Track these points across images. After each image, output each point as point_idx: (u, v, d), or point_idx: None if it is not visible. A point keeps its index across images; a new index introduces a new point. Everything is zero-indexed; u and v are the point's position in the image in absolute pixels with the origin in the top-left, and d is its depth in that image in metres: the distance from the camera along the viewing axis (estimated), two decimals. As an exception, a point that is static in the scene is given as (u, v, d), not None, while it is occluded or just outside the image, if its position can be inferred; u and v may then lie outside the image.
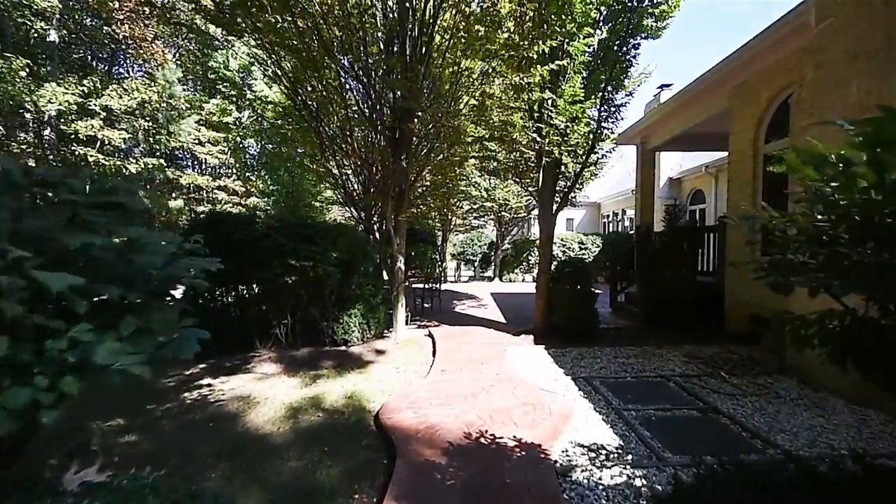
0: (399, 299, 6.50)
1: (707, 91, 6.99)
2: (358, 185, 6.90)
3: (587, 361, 5.04)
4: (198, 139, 16.39)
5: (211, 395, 4.87)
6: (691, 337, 6.24)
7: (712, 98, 6.97)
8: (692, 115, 7.69)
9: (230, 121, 16.80)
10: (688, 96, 7.43)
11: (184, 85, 17.86)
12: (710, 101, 7.06)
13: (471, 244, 19.91)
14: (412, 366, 5.44)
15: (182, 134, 15.04)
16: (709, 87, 6.85)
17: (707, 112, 7.23)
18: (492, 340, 6.30)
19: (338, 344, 6.34)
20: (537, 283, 6.63)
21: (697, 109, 7.45)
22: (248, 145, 18.83)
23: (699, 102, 7.33)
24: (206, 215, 7.06)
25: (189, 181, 16.32)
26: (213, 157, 16.74)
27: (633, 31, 5.64)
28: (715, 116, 7.18)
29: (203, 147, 16.57)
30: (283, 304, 6.35)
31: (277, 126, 10.54)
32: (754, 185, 6.07)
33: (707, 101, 7.15)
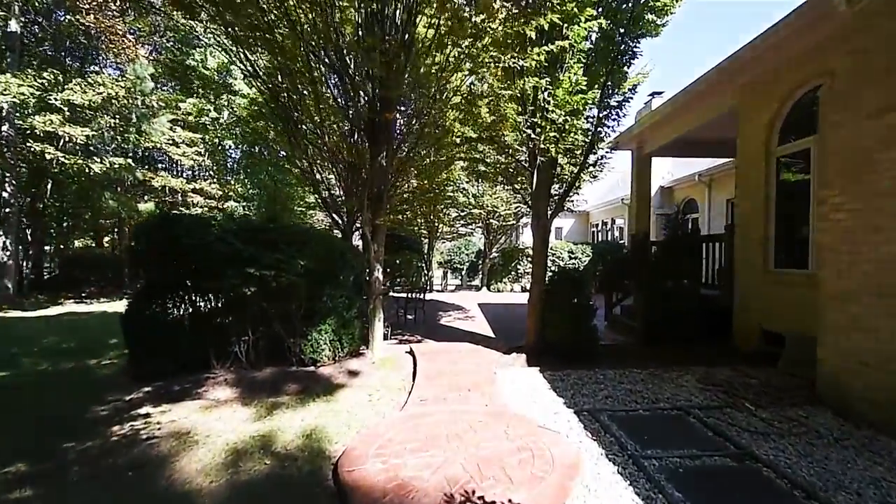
0: (376, 313, 5.73)
1: (710, 91, 6.44)
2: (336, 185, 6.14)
3: (590, 388, 4.33)
4: (172, 139, 15.44)
5: (145, 429, 4.05)
6: (699, 356, 5.59)
7: (717, 98, 6.43)
8: (693, 118, 7.15)
9: (207, 121, 15.91)
10: (689, 97, 6.88)
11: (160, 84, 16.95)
12: (715, 102, 6.52)
13: (458, 252, 19.22)
14: (388, 392, 4.67)
15: (154, 133, 14.09)
16: (713, 86, 6.31)
17: (710, 113, 6.69)
18: (480, 360, 5.56)
19: (306, 364, 5.54)
20: (530, 296, 5.94)
21: (699, 111, 6.91)
22: (228, 147, 17.90)
23: (701, 103, 6.78)
24: (156, 216, 6.23)
25: (162, 183, 15.32)
26: (188, 159, 15.77)
27: (633, 19, 5.05)
28: (718, 118, 6.64)
29: (178, 148, 15.61)
30: (244, 319, 5.54)
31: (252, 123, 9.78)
32: (766, 190, 5.50)
33: (710, 102, 6.60)
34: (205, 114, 15.73)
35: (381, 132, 5.40)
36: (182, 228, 5.15)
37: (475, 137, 6.76)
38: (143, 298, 5.54)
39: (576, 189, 5.69)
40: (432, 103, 5.36)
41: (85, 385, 5.50)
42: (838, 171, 3.76)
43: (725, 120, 6.67)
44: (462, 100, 5.90)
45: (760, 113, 5.59)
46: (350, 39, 4.89)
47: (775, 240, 5.44)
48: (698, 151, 9.16)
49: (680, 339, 6.16)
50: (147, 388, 5.06)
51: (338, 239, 6.02)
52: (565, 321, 5.48)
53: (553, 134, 4.79)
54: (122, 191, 15.54)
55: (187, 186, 15.97)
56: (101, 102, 11.59)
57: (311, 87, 5.24)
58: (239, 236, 5.07)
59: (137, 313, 5.44)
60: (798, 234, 5.23)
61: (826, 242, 3.88)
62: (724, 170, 11.03)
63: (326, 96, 5.25)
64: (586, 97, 4.50)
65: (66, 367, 6.25)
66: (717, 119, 6.69)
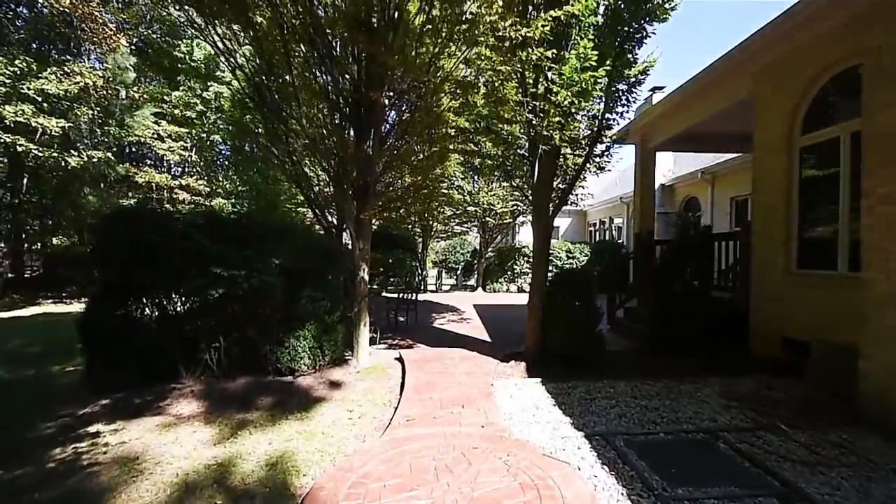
0: (361, 317, 5.18)
1: (724, 78, 5.94)
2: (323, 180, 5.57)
3: (599, 404, 3.80)
4: (157, 134, 14.77)
5: (89, 452, 3.50)
6: (713, 365, 5.09)
7: (731, 85, 5.92)
8: (702, 109, 6.63)
9: (194, 115, 15.24)
10: (699, 86, 6.38)
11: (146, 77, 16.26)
12: (728, 90, 6.01)
13: (453, 252, 18.67)
14: (372, 407, 4.11)
15: (137, 127, 13.43)
16: (726, 72, 5.80)
17: (722, 103, 6.18)
18: (475, 369, 5.02)
19: (283, 373, 4.97)
20: (529, 299, 5.41)
21: (710, 101, 6.40)
22: (216, 143, 17.22)
23: (713, 92, 6.28)
24: (118, 210, 5.65)
25: (146, 179, 14.65)
26: (174, 154, 15.11)
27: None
28: (731, 109, 6.13)
29: (163, 143, 14.94)
30: (214, 324, 4.97)
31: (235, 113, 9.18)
32: (788, 184, 5.00)
33: (723, 90, 6.09)
34: (191, 107, 15.06)
35: (366, 118, 4.85)
36: (143, 224, 4.57)
37: (471, 129, 6.23)
38: (103, 302, 4.96)
39: (580, 182, 5.14)
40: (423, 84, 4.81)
41: (39, 396, 4.92)
42: (888, 158, 3.25)
43: (738, 110, 6.16)
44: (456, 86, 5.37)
45: (781, 100, 5.09)
46: (330, 15, 4.31)
47: (798, 238, 4.94)
48: (706, 146, 8.65)
49: (690, 346, 5.65)
50: (105, 401, 4.51)
51: (320, 235, 5.45)
52: (569, 327, 4.95)
53: (557, 119, 4.25)
54: (105, 187, 14.86)
55: (173, 182, 15.30)
56: (77, 93, 10.93)
57: (287, 68, 4.67)
58: (206, 232, 4.50)
59: (95, 318, 4.86)
60: (825, 232, 4.73)
61: (872, 240, 3.37)
62: (728, 166, 10.57)
63: (306, 76, 4.68)
64: (596, 75, 3.96)
65: (25, 375, 5.67)
66: (729, 109, 6.18)
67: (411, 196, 11.93)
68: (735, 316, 5.68)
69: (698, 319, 5.72)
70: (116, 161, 13.98)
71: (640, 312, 7.19)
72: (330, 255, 5.31)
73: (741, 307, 5.67)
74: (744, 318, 5.57)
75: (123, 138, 14.42)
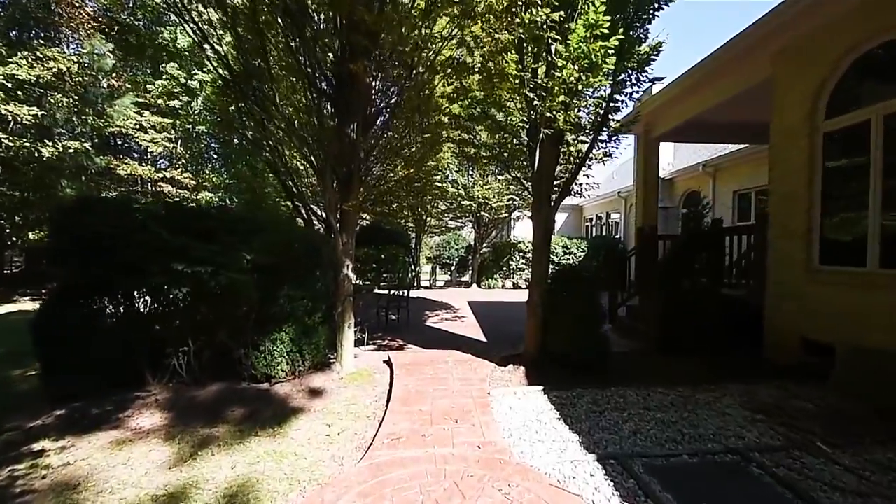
0: (345, 317, 4.69)
1: (737, 59, 5.49)
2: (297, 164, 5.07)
3: (610, 417, 3.35)
4: (140, 124, 14.11)
5: (27, 476, 3.04)
6: (728, 369, 4.67)
7: (746, 67, 5.47)
8: (712, 94, 6.19)
9: (178, 105, 14.58)
10: (710, 68, 5.93)
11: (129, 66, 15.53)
12: (743, 72, 5.56)
13: (447, 247, 18.19)
14: (354, 420, 3.64)
15: (117, 116, 12.77)
16: (741, 53, 5.36)
17: (736, 87, 5.73)
18: (469, 374, 4.56)
19: (259, 380, 4.49)
20: (529, 297, 4.95)
21: (722, 84, 5.95)
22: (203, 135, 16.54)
23: (725, 75, 5.83)
24: (70, 200, 5.10)
25: (129, 171, 14.00)
26: (158, 146, 14.46)
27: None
28: (745, 93, 5.69)
29: (146, 134, 14.28)
30: (180, 326, 4.48)
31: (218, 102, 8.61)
32: (810, 172, 4.56)
33: (737, 73, 5.64)
34: (175, 96, 14.40)
35: (349, 98, 4.34)
36: (97, 215, 4.05)
37: (465, 115, 5.76)
38: (59, 301, 4.45)
39: (585, 170, 4.68)
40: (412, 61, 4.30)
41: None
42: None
43: (752, 96, 5.72)
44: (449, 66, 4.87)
45: (803, 81, 4.64)
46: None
47: (821, 232, 4.51)
48: (714, 136, 8.20)
49: (700, 347, 5.23)
50: (60, 411, 4.03)
51: (301, 228, 4.95)
52: (572, 328, 4.50)
53: (561, 99, 3.78)
54: (85, 179, 14.18)
55: (157, 175, 14.66)
56: (50, 79, 10.28)
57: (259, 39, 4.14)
58: (167, 223, 3.99)
59: (50, 320, 4.36)
60: (851, 225, 4.30)
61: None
62: (731, 159, 10.16)
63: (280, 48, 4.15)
64: (608, 45, 3.48)
65: (-19, 380, 5.16)
66: (742, 95, 5.73)
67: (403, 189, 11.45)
68: (748, 315, 5.27)
69: (708, 319, 5.31)
70: (96, 152, 13.31)
71: (644, 311, 6.77)
72: (309, 250, 4.82)
73: (755, 306, 5.26)
74: (758, 318, 5.15)
75: (103, 129, 13.74)
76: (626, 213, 15.17)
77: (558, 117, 3.94)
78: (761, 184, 9.53)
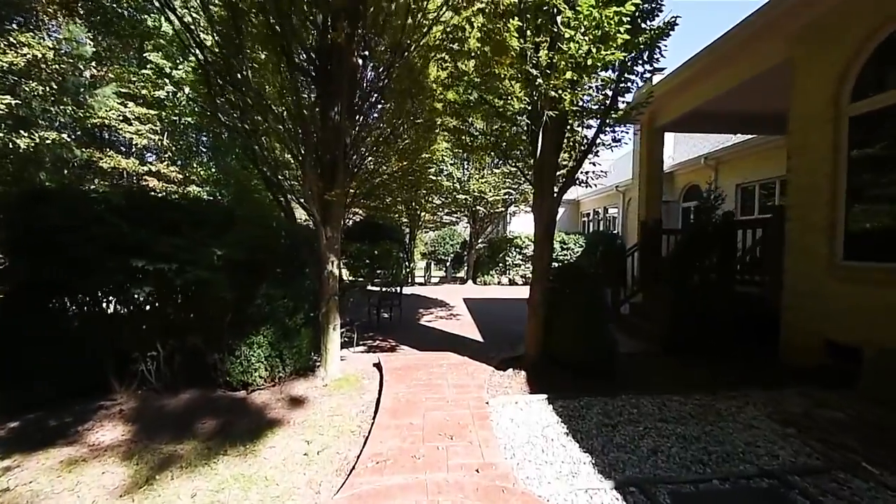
0: (330, 318, 4.27)
1: (752, 40, 5.11)
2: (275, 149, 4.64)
3: (625, 432, 2.97)
4: (123, 115, 13.53)
5: (-47, 506, 2.59)
6: (745, 373, 4.32)
7: (762, 48, 5.08)
8: (724, 79, 5.79)
9: (163, 95, 13.97)
10: (721, 52, 5.54)
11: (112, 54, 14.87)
12: (758, 53, 5.17)
13: (442, 243, 17.79)
14: (336, 436, 3.23)
15: (98, 106, 12.19)
16: (757, 33, 4.97)
17: (750, 71, 5.34)
18: (466, 380, 4.17)
19: (235, 387, 4.08)
20: (529, 296, 4.56)
21: (735, 68, 5.55)
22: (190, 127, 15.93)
23: (738, 58, 5.44)
24: (23, 191, 4.65)
25: (112, 164, 13.43)
26: (143, 138, 13.88)
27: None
28: (760, 78, 5.31)
29: (130, 125, 13.70)
30: (148, 328, 4.05)
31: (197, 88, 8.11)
32: (834, 161, 4.19)
33: (752, 54, 5.25)
34: (161, 87, 13.80)
35: (332, 77, 3.91)
36: (51, 206, 3.60)
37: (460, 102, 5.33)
38: (12, 302, 4.02)
39: (592, 156, 4.28)
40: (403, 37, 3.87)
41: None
42: None
43: (766, 81, 5.36)
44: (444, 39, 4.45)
45: (826, 62, 4.26)
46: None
47: (845, 224, 4.15)
48: (721, 126, 7.80)
49: (712, 348, 4.89)
50: (14, 423, 3.63)
51: (281, 221, 4.51)
52: (577, 329, 4.12)
53: (569, 75, 3.36)
54: (68, 173, 13.60)
55: (142, 169, 14.08)
56: (24, 66, 9.70)
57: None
58: (129, 215, 3.54)
59: (2, 322, 3.93)
60: (881, 217, 3.94)
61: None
62: (735, 151, 9.81)
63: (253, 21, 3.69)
64: (623, 10, 3.06)
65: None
66: (755, 80, 5.35)
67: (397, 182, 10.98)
68: (762, 314, 4.92)
69: (720, 317, 4.96)
70: (76, 144, 12.73)
71: (648, 308, 6.42)
72: (294, 246, 4.39)
73: (770, 304, 4.91)
74: (773, 317, 4.79)
75: (85, 120, 13.17)
76: (625, 207, 14.82)
77: (564, 97, 3.53)
78: (765, 176, 9.20)
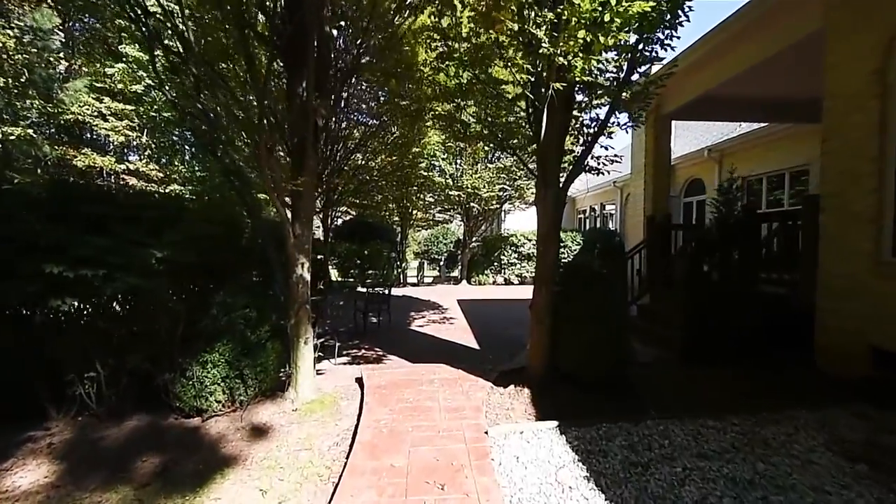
0: (301, 331, 3.61)
1: (776, 10, 4.52)
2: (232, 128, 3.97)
3: (659, 475, 2.35)
4: (99, 111, 12.75)
5: None
6: (779, 386, 3.74)
7: (791, 15, 4.49)
8: (743, 56, 5.18)
9: (141, 89, 13.17)
10: (737, 26, 4.97)
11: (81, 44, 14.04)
12: (786, 22, 4.57)
13: (435, 242, 17.14)
14: (299, 482, 2.58)
15: (69, 101, 11.40)
16: (778, 5, 4.39)
17: (774, 46, 4.74)
18: (460, 401, 3.54)
19: (188, 413, 3.42)
20: (533, 300, 3.93)
21: (759, 42, 4.92)
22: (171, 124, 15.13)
23: (762, 29, 4.85)
24: None
25: (87, 162, 12.64)
26: (119, 134, 13.10)
27: None
28: (782, 55, 4.72)
29: (106, 122, 12.91)
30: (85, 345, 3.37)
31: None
32: (880, 142, 3.61)
33: (779, 24, 4.66)
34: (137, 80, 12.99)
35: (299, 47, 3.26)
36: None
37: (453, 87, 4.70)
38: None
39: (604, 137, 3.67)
40: None
41: None
42: None
43: (791, 58, 4.78)
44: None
45: (869, 28, 3.68)
46: None
47: (895, 216, 3.57)
48: (736, 112, 7.15)
49: (735, 356, 4.30)
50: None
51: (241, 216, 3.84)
52: (591, 339, 3.49)
53: (581, 34, 2.75)
54: (41, 172, 12.79)
55: (119, 167, 13.28)
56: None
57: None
58: (51, 211, 2.87)
59: None
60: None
61: None
62: (741, 142, 9.25)
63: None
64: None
65: None
66: (783, 55, 4.76)
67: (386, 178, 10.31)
68: (793, 317, 4.34)
69: (744, 321, 4.37)
70: (48, 141, 11.95)
71: (659, 311, 5.83)
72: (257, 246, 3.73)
73: (801, 305, 4.33)
74: (805, 320, 4.21)
75: (59, 115, 12.40)
76: (623, 203, 14.27)
77: (575, 64, 2.90)
78: (772, 168, 8.65)
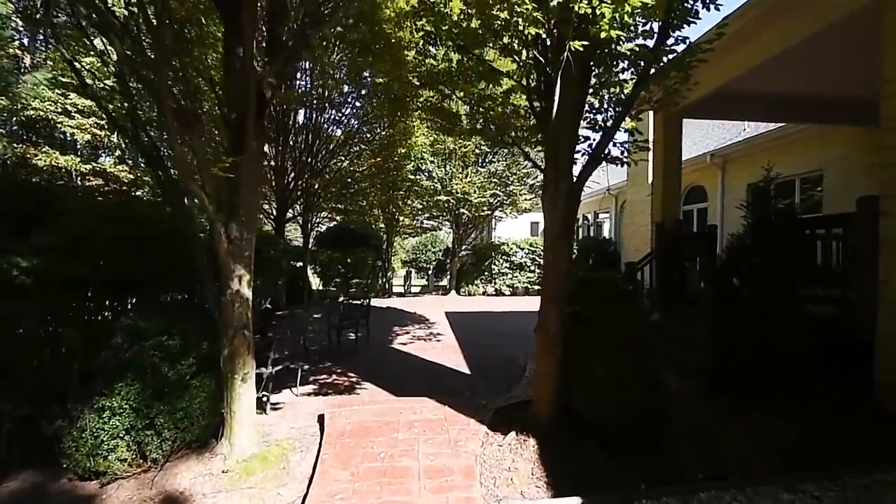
0: (238, 365, 2.71)
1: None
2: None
3: None
4: (64, 107, 11.74)
5: None
6: (837, 428, 2.98)
7: None
8: (773, 40, 4.50)
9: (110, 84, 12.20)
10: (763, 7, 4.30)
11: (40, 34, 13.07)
12: (821, 4, 3.91)
13: (423, 250, 16.29)
14: None
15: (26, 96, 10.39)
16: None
17: (810, 27, 4.06)
18: (446, 459, 2.68)
19: (85, 474, 2.49)
20: (539, 322, 3.10)
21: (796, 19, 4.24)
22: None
23: (792, 9, 4.18)
24: None
25: (49, 162, 11.60)
26: (86, 132, 12.08)
27: None
28: (825, 33, 4.04)
29: (71, 118, 11.89)
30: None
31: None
32: (964, 130, 2.90)
33: (812, 6, 3.99)
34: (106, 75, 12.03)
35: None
36: None
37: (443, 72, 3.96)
38: None
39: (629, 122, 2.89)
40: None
41: None
42: None
43: (828, 38, 4.10)
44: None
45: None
46: None
47: None
48: (753, 112, 6.46)
49: (774, 388, 3.53)
50: None
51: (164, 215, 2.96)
52: (618, 377, 2.68)
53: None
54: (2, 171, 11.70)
55: (83, 167, 12.23)
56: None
57: None
58: None
59: None
60: None
61: None
62: (747, 146, 8.63)
63: None
64: None
65: None
66: (818, 37, 4.08)
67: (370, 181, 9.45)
68: (847, 343, 3.59)
69: (786, 346, 3.60)
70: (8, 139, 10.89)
71: (673, 329, 5.05)
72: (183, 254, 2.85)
73: (855, 328, 3.59)
74: (860, 345, 3.46)
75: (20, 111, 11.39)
76: (617, 211, 13.62)
77: (602, 12, 2.13)
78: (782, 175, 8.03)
